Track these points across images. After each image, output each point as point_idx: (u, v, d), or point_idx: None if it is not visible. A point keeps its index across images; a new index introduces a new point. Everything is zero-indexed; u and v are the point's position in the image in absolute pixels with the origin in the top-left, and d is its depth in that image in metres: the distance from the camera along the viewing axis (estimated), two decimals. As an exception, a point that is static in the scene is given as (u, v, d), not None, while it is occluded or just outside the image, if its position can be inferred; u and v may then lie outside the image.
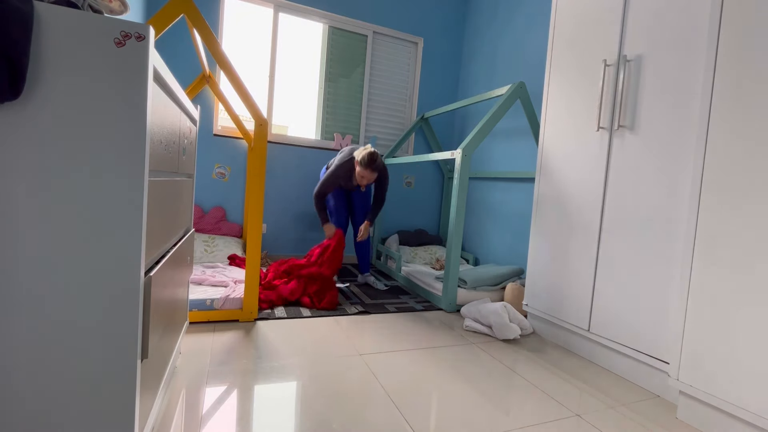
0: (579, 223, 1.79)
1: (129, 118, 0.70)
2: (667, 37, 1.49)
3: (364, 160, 2.35)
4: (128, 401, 0.74)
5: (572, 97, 1.87)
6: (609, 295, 1.64)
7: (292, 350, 1.59)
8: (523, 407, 1.31)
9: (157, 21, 1.42)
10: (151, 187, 0.81)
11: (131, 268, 0.72)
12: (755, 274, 1.13)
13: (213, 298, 1.83)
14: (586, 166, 1.78)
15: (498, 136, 3.13)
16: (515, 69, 3.00)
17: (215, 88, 2.66)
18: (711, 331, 1.22)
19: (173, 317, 1.12)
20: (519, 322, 1.95)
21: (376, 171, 2.40)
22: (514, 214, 2.92)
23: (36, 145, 0.66)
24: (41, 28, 0.65)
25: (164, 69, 0.85)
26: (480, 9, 3.49)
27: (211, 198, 3.01)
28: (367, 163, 2.35)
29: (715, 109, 1.24)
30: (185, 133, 1.21)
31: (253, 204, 1.82)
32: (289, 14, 3.16)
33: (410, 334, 1.87)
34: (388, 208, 3.59)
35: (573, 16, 1.90)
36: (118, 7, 0.92)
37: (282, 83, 3.21)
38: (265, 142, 1.78)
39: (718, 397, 1.20)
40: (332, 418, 1.16)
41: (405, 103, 3.63)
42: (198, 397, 1.22)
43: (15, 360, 0.67)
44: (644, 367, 1.52)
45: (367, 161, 2.35)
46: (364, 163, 2.35)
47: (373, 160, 2.35)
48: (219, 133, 3.01)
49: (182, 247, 1.20)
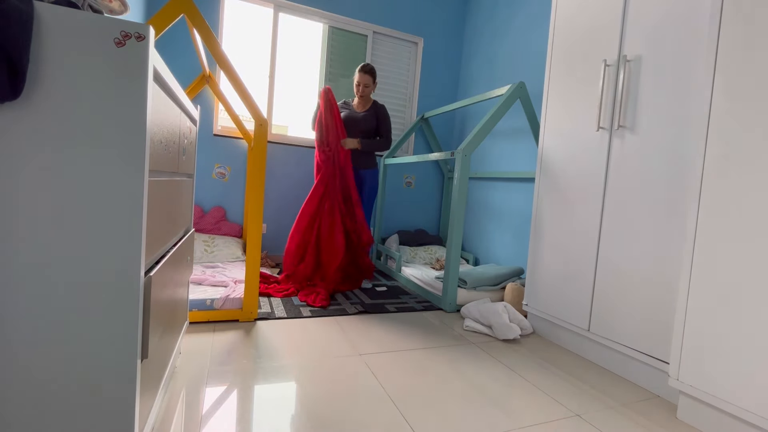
0: (579, 223, 1.79)
1: (129, 118, 0.70)
2: (667, 37, 1.49)
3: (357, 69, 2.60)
4: (128, 401, 0.74)
5: (572, 97, 1.87)
6: (609, 295, 1.64)
7: (292, 350, 1.59)
8: (523, 407, 1.31)
9: (157, 21, 1.42)
10: (151, 187, 0.81)
11: (131, 268, 0.72)
12: (756, 275, 1.13)
13: (213, 298, 1.83)
14: (586, 165, 1.78)
15: (498, 136, 3.13)
16: (515, 69, 3.00)
17: (215, 88, 2.66)
18: (711, 332, 1.22)
19: (173, 317, 1.12)
20: (519, 322, 1.95)
21: (369, 73, 2.60)
22: (514, 214, 2.92)
23: (36, 144, 0.66)
24: (41, 28, 0.65)
25: (164, 69, 0.85)
26: (480, 9, 3.49)
27: (211, 198, 3.01)
28: (361, 66, 2.59)
29: (715, 109, 1.24)
30: (185, 133, 1.21)
31: (253, 204, 1.82)
32: (289, 14, 3.16)
33: (410, 334, 1.87)
34: (388, 208, 3.59)
35: (573, 16, 1.90)
36: (118, 7, 0.92)
37: (282, 83, 3.21)
38: (265, 142, 1.78)
39: (718, 397, 1.20)
40: (332, 418, 1.16)
41: (405, 103, 3.63)
42: (198, 397, 1.22)
43: (15, 360, 0.67)
44: (644, 367, 1.52)
45: (361, 65, 2.60)
46: (358, 68, 2.59)
47: (365, 63, 2.62)
48: (219, 133, 3.01)
49: (182, 247, 1.20)
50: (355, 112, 2.64)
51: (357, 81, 2.60)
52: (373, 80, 2.63)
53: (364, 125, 2.64)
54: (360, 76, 2.59)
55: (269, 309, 2.04)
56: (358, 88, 2.62)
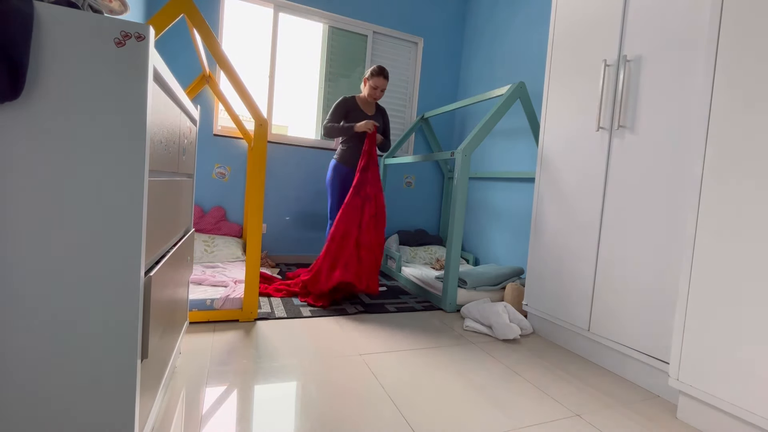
0: (579, 223, 1.79)
1: (129, 118, 0.70)
2: (667, 37, 1.49)
3: (374, 70, 2.50)
4: (128, 401, 0.74)
5: (572, 97, 1.87)
6: (609, 295, 1.64)
7: (292, 350, 1.59)
8: (523, 407, 1.31)
9: (157, 21, 1.42)
10: (151, 187, 0.81)
11: (131, 268, 0.72)
12: (756, 275, 1.13)
13: (213, 298, 1.83)
14: (586, 166, 1.78)
15: (498, 136, 3.13)
16: (515, 69, 3.00)
17: (215, 88, 2.66)
18: (711, 331, 1.22)
19: (173, 317, 1.12)
20: (519, 322, 1.95)
21: (387, 78, 2.53)
22: (514, 214, 2.92)
23: (36, 144, 0.66)
24: (41, 28, 0.65)
25: (164, 69, 0.85)
26: (480, 9, 3.49)
27: (211, 198, 3.01)
28: (379, 71, 2.49)
29: (715, 109, 1.24)
30: (185, 133, 1.21)
31: (253, 204, 1.82)
32: (289, 14, 3.16)
33: (410, 334, 1.87)
34: (389, 208, 3.59)
35: (573, 16, 1.90)
36: (118, 7, 0.92)
37: (282, 83, 3.21)
38: (265, 142, 1.78)
39: (718, 397, 1.20)
40: (332, 418, 1.16)
41: (405, 103, 3.63)
42: (198, 397, 1.22)
43: (15, 360, 0.67)
44: (644, 367, 1.52)
45: (378, 69, 2.49)
46: (375, 72, 2.50)
47: (384, 68, 2.51)
48: (219, 133, 3.01)
49: (182, 247, 1.20)
50: (366, 115, 2.61)
51: (376, 85, 2.50)
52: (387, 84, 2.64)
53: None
54: (381, 82, 2.50)
55: (269, 309, 2.04)
56: (375, 92, 2.53)
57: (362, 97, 2.59)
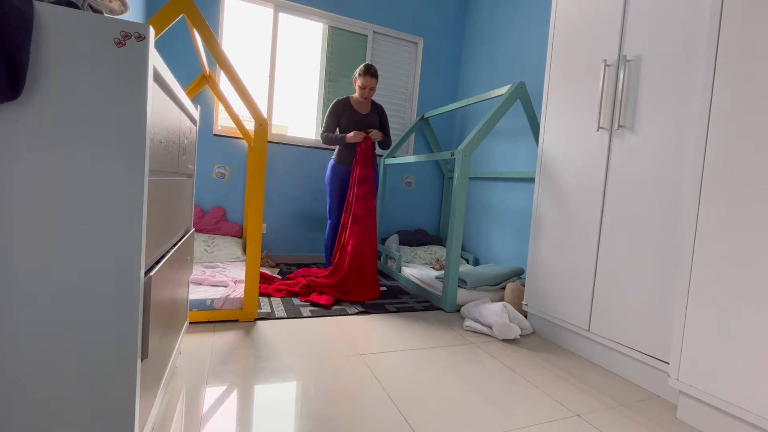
0: (579, 223, 1.79)
1: (129, 118, 0.70)
2: (667, 37, 1.49)
3: (361, 70, 2.53)
4: (128, 401, 0.74)
5: (572, 97, 1.87)
6: (609, 295, 1.64)
7: (292, 350, 1.59)
8: (523, 407, 1.31)
9: (157, 21, 1.42)
10: (151, 187, 0.81)
11: (131, 268, 0.72)
12: (756, 274, 1.13)
13: (213, 298, 1.83)
14: (586, 166, 1.78)
15: (498, 136, 3.13)
16: (515, 69, 3.00)
17: (215, 88, 2.66)
18: (711, 331, 1.22)
19: (173, 317, 1.12)
20: (519, 322, 1.95)
21: (376, 77, 2.56)
22: (514, 214, 2.92)
23: (36, 144, 0.66)
24: (41, 28, 0.65)
25: (164, 69, 0.85)
26: (480, 9, 3.49)
27: (211, 198, 3.01)
28: (365, 69, 2.52)
29: (715, 109, 1.24)
30: (185, 133, 1.21)
31: (253, 204, 1.82)
32: (289, 14, 3.16)
33: (410, 334, 1.87)
34: (388, 208, 3.59)
35: (573, 16, 1.90)
36: (118, 7, 0.92)
37: (282, 83, 3.21)
38: (265, 142, 1.78)
39: (718, 397, 1.20)
40: (332, 418, 1.16)
41: (405, 103, 3.63)
42: (198, 397, 1.22)
43: (15, 360, 0.67)
44: (644, 367, 1.52)
45: (364, 68, 2.52)
46: (362, 72, 2.52)
47: (370, 66, 2.54)
48: (219, 133, 3.01)
49: (182, 247, 1.20)
50: (360, 115, 2.62)
51: (363, 84, 2.53)
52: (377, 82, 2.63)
53: (371, 127, 2.65)
54: (368, 80, 2.53)
55: (269, 309, 2.04)
56: (364, 91, 2.56)
57: (356, 97, 2.61)
